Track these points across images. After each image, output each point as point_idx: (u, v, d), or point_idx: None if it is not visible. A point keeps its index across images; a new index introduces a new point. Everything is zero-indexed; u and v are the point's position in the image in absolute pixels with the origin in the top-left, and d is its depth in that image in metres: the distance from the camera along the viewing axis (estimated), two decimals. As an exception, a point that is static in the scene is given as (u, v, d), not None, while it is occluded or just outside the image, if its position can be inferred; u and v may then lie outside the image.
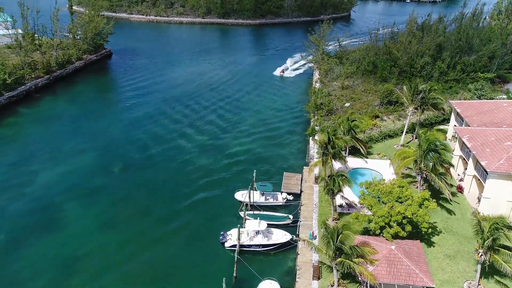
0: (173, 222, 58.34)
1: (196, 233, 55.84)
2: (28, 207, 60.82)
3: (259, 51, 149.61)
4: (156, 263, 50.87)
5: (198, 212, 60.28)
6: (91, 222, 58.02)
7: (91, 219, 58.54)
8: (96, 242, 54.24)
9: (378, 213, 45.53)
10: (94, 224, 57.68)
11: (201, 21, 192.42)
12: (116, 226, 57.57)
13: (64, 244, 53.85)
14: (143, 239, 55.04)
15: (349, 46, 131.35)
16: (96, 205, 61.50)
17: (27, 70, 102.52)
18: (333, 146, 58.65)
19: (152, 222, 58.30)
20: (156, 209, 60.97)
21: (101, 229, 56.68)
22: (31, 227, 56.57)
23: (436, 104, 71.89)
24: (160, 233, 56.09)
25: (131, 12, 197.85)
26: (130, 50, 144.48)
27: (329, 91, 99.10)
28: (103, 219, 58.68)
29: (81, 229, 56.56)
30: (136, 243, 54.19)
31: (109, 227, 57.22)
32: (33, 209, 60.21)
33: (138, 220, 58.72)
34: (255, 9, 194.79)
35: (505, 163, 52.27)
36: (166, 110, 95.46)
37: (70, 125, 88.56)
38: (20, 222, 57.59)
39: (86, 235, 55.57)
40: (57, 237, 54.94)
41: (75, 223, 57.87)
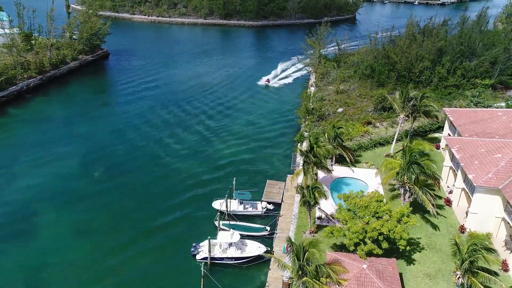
0: (148, 231, 56.31)
1: (170, 244, 53.78)
2: (0, 211, 59.35)
3: (258, 53, 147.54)
4: (125, 275, 48.89)
5: (175, 221, 58.26)
6: (65, 229, 56.15)
7: (65, 226, 56.69)
8: (67, 251, 52.44)
9: (352, 229, 42.99)
10: (67, 231, 55.85)
11: (203, 22, 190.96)
12: (90, 234, 55.66)
13: (34, 252, 52.05)
14: (115, 248, 53.06)
15: (349, 49, 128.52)
16: (72, 211, 59.73)
17: (19, 70, 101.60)
18: (315, 154, 56.28)
19: (127, 230, 56.34)
20: (132, 217, 59.01)
21: (74, 237, 54.85)
22: (0, 232, 54.99)
23: (429, 111, 68.98)
24: (133, 243, 54.12)
25: (133, 12, 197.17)
26: (128, 50, 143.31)
27: (323, 95, 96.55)
28: (77, 226, 56.83)
29: (53, 237, 54.77)
30: (107, 253, 52.22)
31: (82, 235, 55.31)
32: (5, 214, 58.65)
33: (112, 228, 56.85)
34: (258, 10, 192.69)
35: (493, 177, 49.36)
36: (155, 114, 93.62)
37: (58, 127, 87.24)
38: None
39: (58, 243, 53.73)
40: (28, 245, 53.22)
41: (48, 229, 56.11)
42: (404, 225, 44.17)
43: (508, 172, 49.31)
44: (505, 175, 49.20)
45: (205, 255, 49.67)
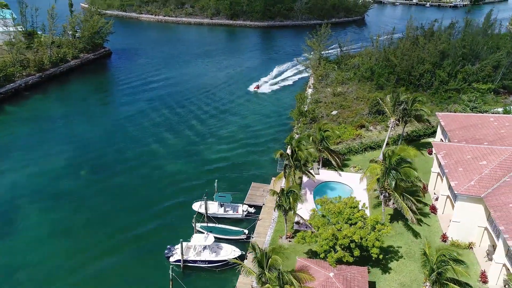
0: (128, 231, 55.82)
1: (147, 245, 53.19)
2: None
3: (261, 54, 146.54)
4: (98, 275, 48.45)
5: (154, 222, 57.64)
6: (46, 228, 56.08)
7: (46, 225, 56.61)
8: (46, 250, 52.20)
9: (322, 235, 41.82)
10: (48, 230, 55.72)
11: (209, 22, 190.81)
12: (70, 233, 55.41)
13: (13, 251, 52.01)
14: (93, 248, 52.64)
15: (352, 51, 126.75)
16: (55, 210, 59.69)
17: (17, 68, 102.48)
18: (296, 158, 55.28)
19: (107, 231, 55.90)
20: (114, 217, 58.62)
21: (54, 237, 54.67)
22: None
23: (420, 116, 67.23)
24: (112, 243, 53.66)
25: (140, 11, 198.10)
26: (131, 49, 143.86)
27: (319, 97, 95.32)
28: (58, 225, 56.66)
29: (33, 236, 54.64)
30: (85, 253, 51.73)
31: (63, 234, 55.12)
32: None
33: (93, 228, 56.48)
34: (265, 11, 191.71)
35: (476, 184, 47.64)
36: (149, 115, 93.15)
37: (52, 125, 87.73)
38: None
39: (38, 242, 53.60)
40: (6, 243, 53.22)
41: (28, 228, 56.09)
42: (378, 232, 42.79)
43: (491, 180, 47.56)
44: (488, 183, 47.45)
45: (179, 258, 48.97)
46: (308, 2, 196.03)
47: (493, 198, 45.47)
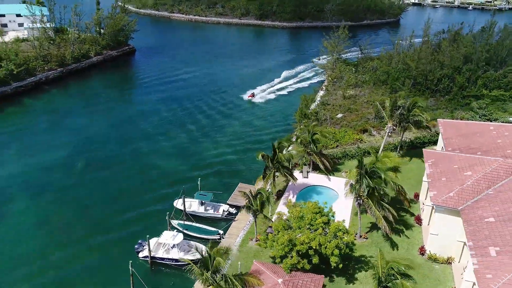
0: (106, 226, 56.55)
1: (122, 240, 53.57)
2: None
3: (283, 54, 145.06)
4: (67, 269, 49.05)
5: (135, 217, 57.94)
6: (27, 219, 57.10)
7: (28, 216, 57.61)
8: (22, 241, 52.91)
9: (279, 240, 40.60)
10: (29, 221, 56.64)
11: (238, 22, 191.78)
12: (49, 225, 55.85)
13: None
14: (68, 242, 53.00)
15: (374, 54, 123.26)
16: (40, 201, 60.86)
17: (39, 62, 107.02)
18: (277, 160, 54.19)
19: (86, 224, 56.50)
20: (96, 210, 59.52)
21: (34, 228, 55.40)
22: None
23: (419, 122, 64.02)
24: (88, 237, 54.29)
25: (172, 11, 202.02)
26: (155, 47, 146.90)
27: (328, 100, 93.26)
28: (40, 217, 57.52)
29: (14, 226, 56.05)
30: (59, 246, 52.18)
31: (42, 226, 55.82)
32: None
33: (74, 219, 57.51)
34: (295, 11, 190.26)
35: (455, 196, 44.66)
36: (157, 112, 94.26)
37: (63, 118, 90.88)
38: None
39: (16, 232, 54.85)
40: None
41: (11, 218, 57.50)
42: (340, 240, 41.02)
43: (472, 193, 44.42)
44: (469, 195, 44.36)
45: (147, 253, 49.18)
46: (339, 3, 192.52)
47: (470, 212, 42.46)
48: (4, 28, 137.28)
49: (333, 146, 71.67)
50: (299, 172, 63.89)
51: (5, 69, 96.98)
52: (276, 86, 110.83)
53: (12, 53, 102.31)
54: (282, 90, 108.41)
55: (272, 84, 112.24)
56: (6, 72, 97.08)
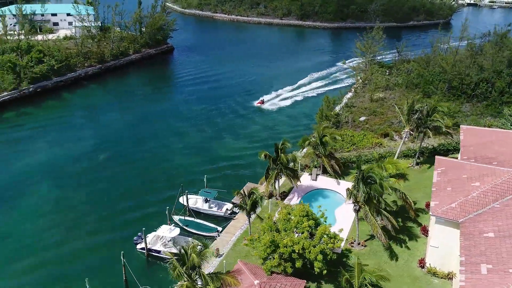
0: (116, 216, 58.19)
1: (124, 230, 55.06)
2: (2, 178, 66.96)
3: (319, 55, 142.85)
4: (68, 253, 51.23)
5: (143, 209, 59.47)
6: (46, 203, 60.79)
7: (48, 201, 61.29)
8: (40, 222, 56.67)
9: (262, 241, 40.04)
10: (47, 205, 60.21)
11: (279, 22, 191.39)
12: (61, 212, 58.97)
13: (10, 218, 57.34)
14: (79, 226, 55.98)
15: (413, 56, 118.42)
16: (61, 188, 64.45)
17: (79, 59, 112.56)
18: (281, 161, 53.52)
19: (99, 213, 58.99)
20: (111, 201, 61.52)
21: (51, 212, 59.05)
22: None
23: (439, 128, 60.66)
24: (97, 225, 56.32)
25: (215, 10, 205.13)
26: (193, 46, 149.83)
27: (355, 102, 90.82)
28: (55, 204, 60.78)
29: (32, 208, 59.54)
30: (70, 229, 55.41)
31: (58, 210, 59.23)
32: (6, 181, 65.92)
33: (88, 207, 60.04)
34: (337, 12, 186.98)
35: (457, 207, 41.87)
36: (187, 109, 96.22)
37: (96, 112, 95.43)
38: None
39: (34, 214, 58.27)
40: (8, 211, 58.92)
41: (31, 200, 61.27)
42: (326, 246, 39.76)
43: (476, 205, 41.44)
44: (472, 207, 41.42)
45: (144, 246, 50.28)
46: (384, 3, 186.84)
47: (471, 225, 39.66)
48: (56, 27, 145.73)
49: (349, 150, 69.70)
50: (309, 174, 62.69)
51: (47, 65, 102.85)
52: (305, 88, 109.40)
53: (55, 50, 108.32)
54: (310, 92, 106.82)
55: (301, 85, 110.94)
56: (47, 68, 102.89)
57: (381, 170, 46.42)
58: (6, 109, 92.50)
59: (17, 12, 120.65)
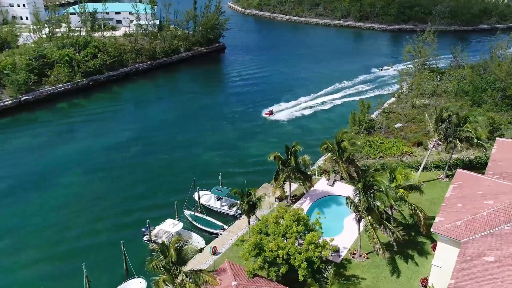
0: (135, 205, 60.79)
1: (137, 221, 56.83)
2: (43, 162, 72.31)
3: (370, 58, 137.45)
4: (78, 238, 54.11)
5: (160, 201, 61.11)
6: (74, 189, 64.80)
7: (76, 187, 65.18)
8: (61, 207, 60.34)
9: (248, 243, 39.59)
10: (74, 192, 64.00)
11: (336, 23, 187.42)
12: (85, 198, 62.32)
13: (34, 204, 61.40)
14: (96, 214, 58.80)
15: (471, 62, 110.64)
16: (88, 177, 67.99)
17: (132, 55, 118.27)
18: (288, 164, 52.60)
19: (119, 201, 61.89)
20: (133, 189, 64.36)
21: (73, 198, 62.40)
22: (30, 181, 66.90)
23: (470, 139, 56.09)
24: (114, 213, 59.14)
25: (274, 11, 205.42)
26: (245, 46, 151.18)
27: (395, 108, 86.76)
28: (84, 189, 64.65)
29: (58, 194, 63.47)
30: (87, 217, 58.21)
31: (80, 198, 62.40)
32: (42, 167, 71.02)
33: (111, 196, 63.01)
34: (398, 13, 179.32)
35: (462, 226, 38.50)
36: (226, 106, 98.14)
37: (140, 106, 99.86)
38: (25, 175, 68.69)
39: (58, 199, 62.17)
40: (35, 196, 63.33)
41: (59, 186, 65.39)
42: (312, 253, 38.42)
43: (484, 225, 37.82)
44: (480, 227, 37.88)
45: (148, 237, 51.82)
46: (449, 5, 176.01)
47: (472, 246, 36.34)
48: (119, 24, 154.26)
49: (376, 157, 66.69)
50: (326, 179, 60.93)
51: (100, 60, 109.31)
52: (348, 91, 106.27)
53: (110, 46, 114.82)
54: (355, 96, 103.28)
55: (344, 86, 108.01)
56: (101, 63, 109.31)
57: (385, 179, 43.82)
58: (60, 100, 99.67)
59: (80, 10, 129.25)
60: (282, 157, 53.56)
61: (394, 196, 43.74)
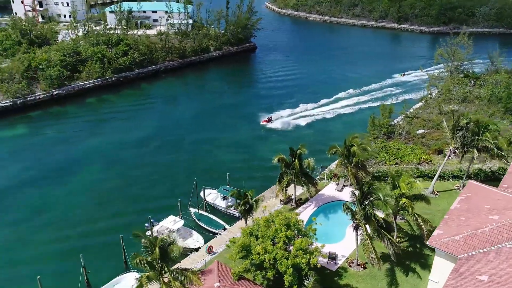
0: (143, 201, 61.66)
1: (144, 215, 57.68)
2: (66, 155, 75.20)
3: (404, 61, 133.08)
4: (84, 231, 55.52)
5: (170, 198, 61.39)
6: (91, 182, 66.86)
7: (88, 182, 66.86)
8: (77, 200, 62.46)
9: (236, 244, 39.18)
10: (84, 186, 65.73)
11: (373, 24, 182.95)
12: (99, 191, 64.15)
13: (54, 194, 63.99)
14: (105, 207, 60.34)
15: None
16: (105, 172, 69.77)
17: (161, 53, 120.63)
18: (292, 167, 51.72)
19: (131, 194, 63.27)
20: (146, 186, 65.41)
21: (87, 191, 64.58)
22: (51, 173, 69.59)
23: (489, 149, 52.88)
24: (123, 206, 60.55)
25: (310, 11, 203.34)
26: (277, 46, 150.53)
27: (420, 113, 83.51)
28: (97, 182, 66.52)
29: (75, 186, 65.68)
30: (97, 209, 59.93)
31: (93, 193, 64.12)
32: (66, 158, 73.97)
33: (121, 190, 64.44)
34: (438, 15, 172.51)
35: (460, 241, 36.27)
36: (249, 105, 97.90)
37: (166, 103, 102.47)
38: (47, 167, 71.61)
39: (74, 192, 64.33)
40: (56, 186, 65.90)
41: (76, 179, 67.57)
42: (300, 259, 37.47)
43: (484, 241, 35.45)
44: (479, 243, 35.55)
45: (150, 233, 52.42)
46: (495, 7, 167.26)
47: (468, 263, 34.16)
48: (155, 23, 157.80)
49: (391, 163, 64.32)
50: (335, 184, 59.44)
51: (130, 57, 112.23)
52: (376, 94, 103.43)
53: (141, 44, 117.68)
54: (382, 100, 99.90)
55: (371, 89, 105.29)
56: (131, 60, 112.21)
57: (385, 188, 42.06)
58: (90, 95, 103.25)
59: (116, 9, 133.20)
60: (287, 159, 52.55)
61: (393, 205, 41.89)
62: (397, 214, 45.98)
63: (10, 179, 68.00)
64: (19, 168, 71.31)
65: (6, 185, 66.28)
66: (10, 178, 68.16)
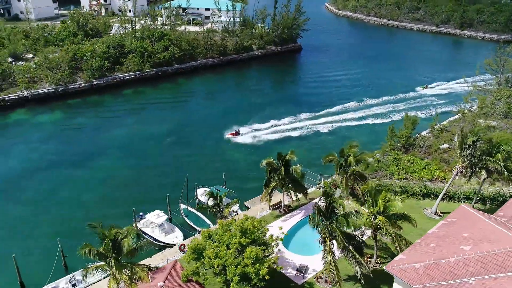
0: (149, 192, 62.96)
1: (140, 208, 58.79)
2: (92, 142, 78.97)
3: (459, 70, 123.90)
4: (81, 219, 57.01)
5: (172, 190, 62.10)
6: (106, 171, 69.27)
7: (104, 172, 69.26)
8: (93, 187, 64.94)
9: (190, 244, 38.62)
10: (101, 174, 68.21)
11: (433, 29, 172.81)
12: (111, 182, 66.04)
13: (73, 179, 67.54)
14: (113, 197, 62.30)
15: None
16: (123, 161, 72.14)
17: (202, 50, 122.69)
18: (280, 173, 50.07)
19: (136, 187, 64.60)
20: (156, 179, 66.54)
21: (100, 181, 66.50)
22: (74, 158, 73.11)
23: (500, 171, 47.53)
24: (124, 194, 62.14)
25: (368, 13, 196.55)
26: (324, 47, 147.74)
27: (450, 126, 77.41)
28: (115, 172, 68.76)
29: (90, 175, 68.39)
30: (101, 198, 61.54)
31: (106, 181, 66.20)
32: (92, 146, 77.43)
33: (129, 183, 66.11)
34: (507, 22, 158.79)
35: (420, 269, 32.85)
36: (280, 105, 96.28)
37: (196, 98, 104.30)
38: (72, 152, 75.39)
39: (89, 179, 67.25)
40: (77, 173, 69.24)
41: (93, 168, 70.32)
42: (249, 269, 36.10)
43: (446, 273, 31.80)
44: (440, 275, 31.97)
45: (139, 225, 53.43)
46: None
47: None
48: (207, 20, 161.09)
49: (401, 178, 60.17)
50: (332, 194, 56.56)
51: (170, 52, 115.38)
52: (414, 102, 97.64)
53: (183, 40, 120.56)
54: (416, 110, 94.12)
55: (408, 97, 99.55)
56: (170, 55, 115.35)
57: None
58: (127, 86, 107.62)
59: (166, 6, 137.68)
60: (275, 164, 50.95)
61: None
62: (376, 232, 42.77)
63: (35, 161, 72.25)
64: (47, 151, 75.67)
65: (30, 167, 70.31)
66: (35, 161, 72.43)
